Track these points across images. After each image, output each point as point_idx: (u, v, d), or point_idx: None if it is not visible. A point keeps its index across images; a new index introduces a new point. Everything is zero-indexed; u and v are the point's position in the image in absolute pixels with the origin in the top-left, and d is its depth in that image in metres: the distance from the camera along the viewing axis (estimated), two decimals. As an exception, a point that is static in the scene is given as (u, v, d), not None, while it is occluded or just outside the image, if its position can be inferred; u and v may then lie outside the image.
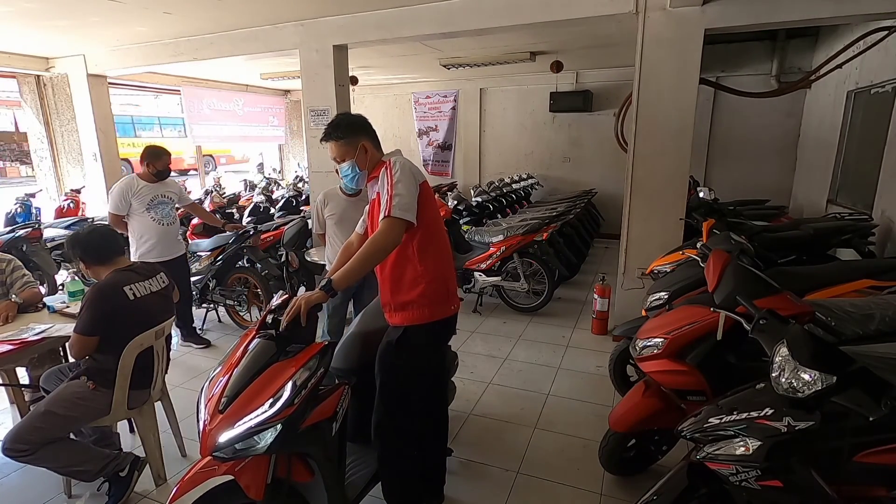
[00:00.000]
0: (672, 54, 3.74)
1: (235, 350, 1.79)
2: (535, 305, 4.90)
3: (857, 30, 4.79)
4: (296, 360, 1.72)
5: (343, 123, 2.08)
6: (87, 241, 2.35)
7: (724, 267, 2.19)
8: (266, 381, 1.67)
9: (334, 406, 1.84)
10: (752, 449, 1.40)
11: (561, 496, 2.45)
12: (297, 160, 11.41)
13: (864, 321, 1.95)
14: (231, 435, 1.59)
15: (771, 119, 7.11)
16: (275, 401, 1.62)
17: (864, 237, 3.91)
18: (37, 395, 2.74)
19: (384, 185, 1.87)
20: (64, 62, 6.52)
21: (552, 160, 8.87)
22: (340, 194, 3.43)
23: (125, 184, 3.69)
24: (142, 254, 3.70)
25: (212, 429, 1.61)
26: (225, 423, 1.60)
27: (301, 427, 1.69)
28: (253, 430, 1.59)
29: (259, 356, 1.72)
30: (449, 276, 2.05)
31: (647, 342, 2.24)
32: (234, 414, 1.61)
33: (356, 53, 5.46)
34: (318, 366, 1.75)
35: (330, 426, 1.82)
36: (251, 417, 1.60)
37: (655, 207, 4.01)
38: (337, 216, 3.39)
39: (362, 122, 2.11)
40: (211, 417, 1.63)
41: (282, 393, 1.63)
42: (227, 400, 1.63)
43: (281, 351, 1.74)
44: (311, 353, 1.75)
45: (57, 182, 7.51)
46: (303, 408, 1.68)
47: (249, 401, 1.63)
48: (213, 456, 1.62)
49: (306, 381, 1.69)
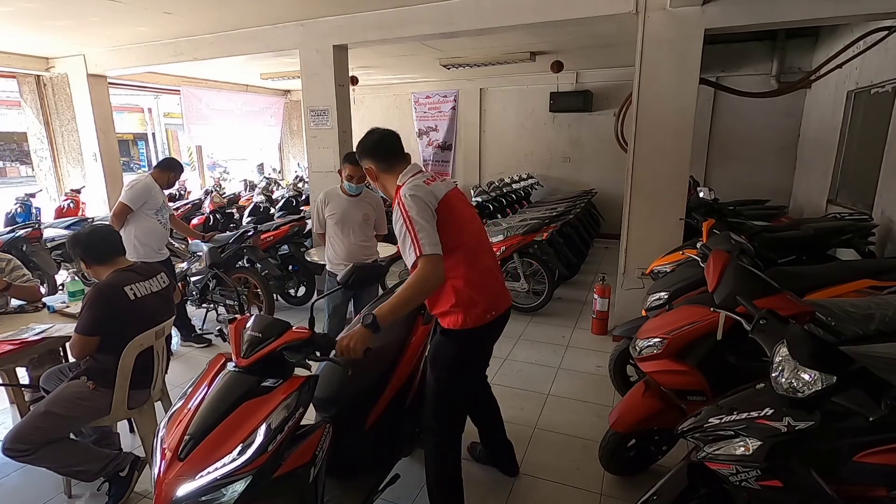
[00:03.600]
0: (672, 54, 3.74)
1: (202, 380, 1.59)
2: (535, 305, 4.90)
3: (857, 30, 4.79)
4: (272, 396, 1.52)
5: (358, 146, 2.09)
6: (89, 240, 2.35)
7: (724, 267, 2.19)
8: (237, 421, 1.46)
9: (313, 449, 1.62)
10: (752, 449, 1.40)
11: (561, 496, 2.45)
12: (296, 160, 11.41)
13: (864, 321, 1.95)
14: (191, 488, 1.37)
15: (771, 119, 7.11)
16: (244, 447, 1.42)
17: (864, 237, 3.91)
18: (37, 395, 2.74)
19: (401, 222, 1.82)
20: (64, 62, 6.52)
21: (552, 160, 8.87)
22: (341, 194, 3.43)
23: (148, 183, 3.78)
24: (140, 255, 3.69)
25: (168, 480, 1.39)
26: (185, 472, 1.39)
27: (274, 475, 1.49)
28: (218, 483, 1.38)
29: (230, 390, 1.52)
30: (483, 286, 1.95)
31: (647, 342, 2.24)
32: (196, 462, 1.40)
33: (356, 53, 5.46)
34: (296, 404, 1.55)
35: (307, 472, 1.59)
36: (216, 467, 1.39)
37: (655, 207, 4.01)
38: (337, 216, 3.38)
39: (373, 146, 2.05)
40: (168, 465, 1.41)
41: (253, 438, 1.43)
42: (190, 443, 1.44)
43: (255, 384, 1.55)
44: (290, 390, 1.55)
45: (57, 182, 7.51)
46: (277, 455, 1.48)
47: (216, 446, 1.42)
48: None
49: (283, 424, 1.48)
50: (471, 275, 1.91)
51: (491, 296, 1.97)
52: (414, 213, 1.79)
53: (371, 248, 3.58)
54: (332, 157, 5.08)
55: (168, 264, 4.06)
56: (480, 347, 2.08)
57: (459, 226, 1.93)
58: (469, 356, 2.02)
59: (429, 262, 1.76)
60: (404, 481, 2.49)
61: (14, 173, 16.08)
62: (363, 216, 3.43)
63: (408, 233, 1.78)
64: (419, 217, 1.78)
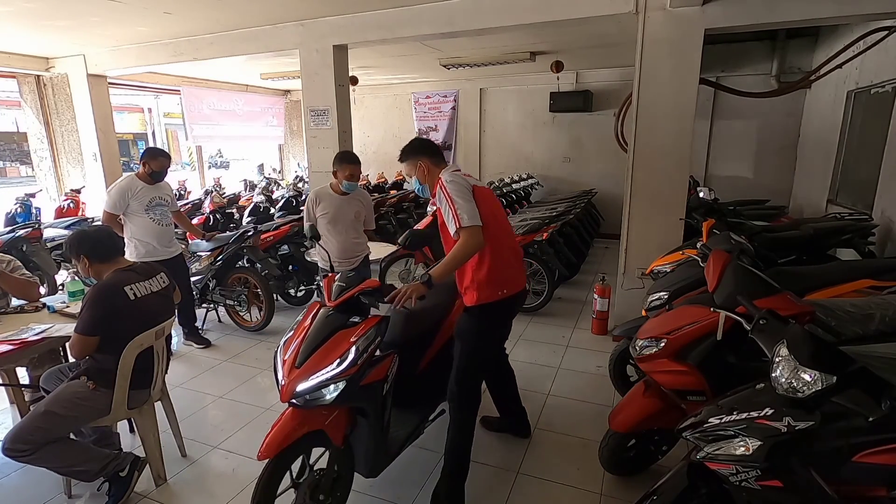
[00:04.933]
0: (672, 54, 3.74)
1: (304, 318, 2.16)
2: (535, 305, 4.90)
3: (857, 30, 4.79)
4: (358, 328, 2.07)
5: (406, 148, 2.43)
6: (96, 237, 2.36)
7: (724, 267, 2.19)
8: (334, 344, 2.01)
9: (386, 371, 2.16)
10: (752, 449, 1.40)
11: (561, 496, 2.45)
12: (296, 160, 11.42)
13: (864, 321, 1.95)
14: (306, 386, 1.92)
15: (771, 119, 7.11)
16: (341, 361, 1.95)
17: (864, 237, 3.91)
18: (37, 395, 2.73)
19: (444, 202, 2.17)
20: (64, 62, 6.52)
21: (552, 160, 8.87)
22: (333, 193, 3.53)
23: (125, 184, 3.69)
24: (140, 254, 3.68)
25: (291, 379, 1.94)
26: (301, 375, 1.93)
27: (359, 385, 2.00)
28: (323, 383, 1.92)
29: (328, 324, 2.07)
30: (497, 269, 2.25)
31: (647, 342, 2.24)
32: (309, 369, 1.94)
33: (356, 53, 5.46)
34: (375, 335, 2.08)
35: (381, 387, 2.14)
36: (323, 373, 1.93)
37: (655, 207, 4.01)
38: (330, 214, 3.48)
39: (421, 145, 2.43)
40: (289, 371, 1.97)
41: (347, 354, 1.96)
42: (303, 356, 1.97)
43: (345, 321, 2.09)
44: (371, 325, 2.09)
45: (57, 182, 7.51)
46: (363, 369, 2.01)
47: (322, 359, 1.96)
48: (290, 403, 1.95)
49: (366, 347, 2.02)
50: (489, 257, 2.22)
51: (503, 277, 2.27)
52: (453, 192, 2.15)
53: (362, 243, 3.72)
54: (331, 157, 5.03)
55: (179, 261, 3.99)
56: (495, 321, 2.37)
57: (487, 213, 2.22)
58: (485, 328, 2.33)
59: (468, 232, 2.11)
60: (405, 481, 2.53)
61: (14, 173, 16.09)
62: (355, 213, 3.57)
63: (449, 209, 2.15)
64: (457, 196, 2.14)
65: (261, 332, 4.49)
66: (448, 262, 2.16)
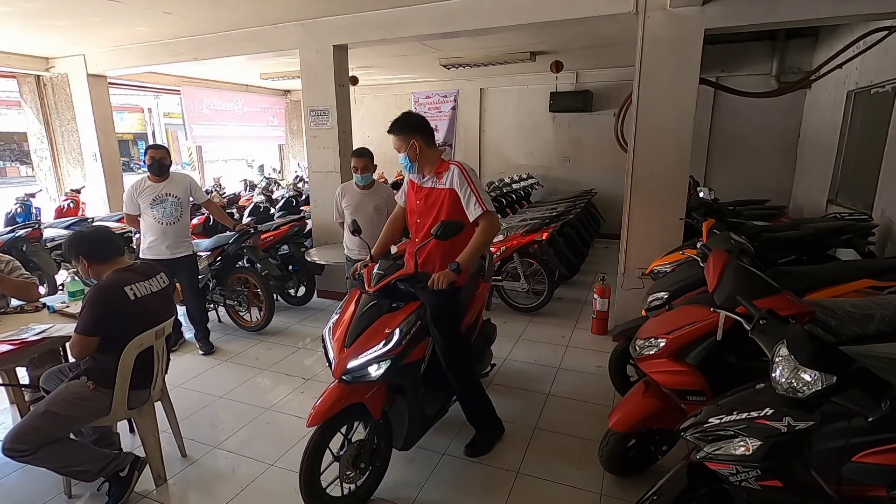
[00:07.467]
0: (672, 54, 3.74)
1: (347, 304, 2.43)
2: (535, 305, 4.90)
3: (857, 30, 4.79)
4: (401, 312, 2.35)
5: (400, 121, 2.51)
6: (93, 238, 2.36)
7: (724, 267, 2.19)
8: (381, 326, 2.26)
9: (423, 352, 2.44)
10: (752, 449, 1.40)
11: (561, 496, 2.45)
12: (297, 160, 11.41)
13: (864, 321, 1.95)
14: (356, 363, 2.16)
15: (771, 119, 7.11)
16: (387, 342, 2.20)
17: (864, 237, 3.90)
18: (37, 395, 2.73)
19: (464, 184, 2.41)
20: (64, 62, 6.52)
21: (552, 160, 8.87)
22: (355, 187, 3.82)
23: (134, 183, 3.79)
24: (143, 251, 3.77)
25: (342, 358, 2.18)
26: (351, 354, 2.18)
27: (401, 364, 2.25)
28: (371, 361, 2.16)
29: (375, 309, 2.34)
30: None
31: (647, 342, 2.24)
32: (358, 348, 2.19)
33: (356, 53, 5.46)
34: (415, 319, 2.35)
35: (419, 366, 2.43)
36: (371, 352, 2.17)
37: (655, 207, 4.01)
38: (352, 206, 3.78)
39: (417, 122, 2.52)
40: (339, 350, 2.22)
41: (392, 336, 2.22)
42: (351, 337, 2.23)
43: (387, 305, 2.37)
44: (411, 310, 2.37)
45: (57, 182, 7.50)
46: (406, 349, 2.26)
47: (369, 340, 2.21)
48: (341, 379, 2.17)
49: (409, 329, 2.28)
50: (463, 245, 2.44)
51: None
52: (475, 179, 2.42)
53: None
54: (332, 156, 5.09)
55: (187, 262, 3.94)
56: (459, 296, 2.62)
57: None
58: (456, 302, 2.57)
59: (490, 217, 2.40)
60: (405, 480, 2.53)
61: (14, 173, 16.08)
62: (374, 207, 3.75)
63: (472, 193, 2.40)
64: (478, 183, 2.42)
65: (261, 332, 4.49)
66: (474, 248, 2.38)
